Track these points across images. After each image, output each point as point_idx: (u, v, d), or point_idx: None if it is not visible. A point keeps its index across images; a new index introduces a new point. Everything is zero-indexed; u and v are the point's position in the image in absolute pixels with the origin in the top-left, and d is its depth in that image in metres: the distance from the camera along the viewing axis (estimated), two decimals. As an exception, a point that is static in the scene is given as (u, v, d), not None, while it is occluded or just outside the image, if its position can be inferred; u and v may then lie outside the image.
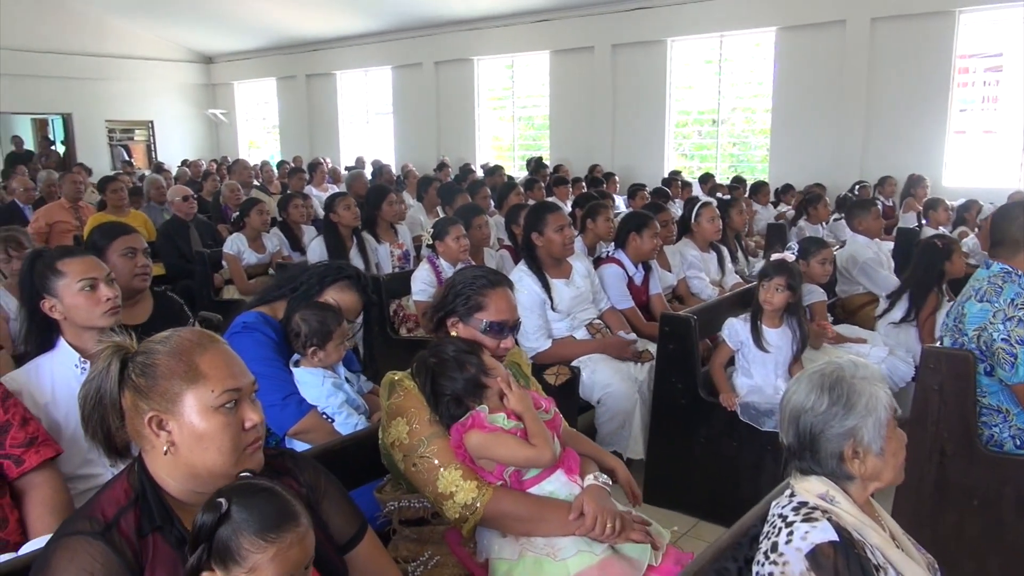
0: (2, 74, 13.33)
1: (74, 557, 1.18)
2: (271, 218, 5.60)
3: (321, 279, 2.42)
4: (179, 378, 1.27)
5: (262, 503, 1.16)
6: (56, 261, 2.10)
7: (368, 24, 13.03)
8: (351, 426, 2.24)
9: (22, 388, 2.01)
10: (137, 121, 15.91)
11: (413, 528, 1.85)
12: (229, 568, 1.12)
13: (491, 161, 11.66)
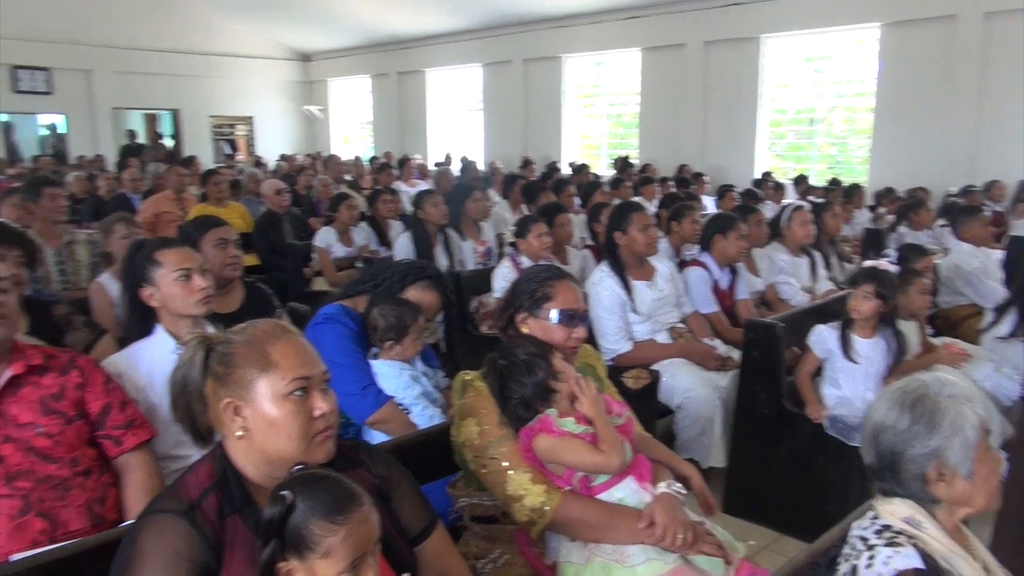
0: (119, 72, 14.19)
1: (160, 533, 1.24)
2: (360, 213, 5.74)
3: (403, 277, 2.47)
4: (253, 366, 1.32)
5: (324, 489, 1.19)
6: (154, 252, 2.22)
7: (459, 22, 13.19)
8: (427, 418, 2.28)
9: (122, 372, 2.13)
10: (239, 116, 16.61)
11: (484, 526, 1.86)
12: (304, 556, 1.15)
13: (578, 159, 11.60)
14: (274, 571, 1.17)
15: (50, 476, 1.78)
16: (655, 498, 1.73)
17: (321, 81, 17.24)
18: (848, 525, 1.50)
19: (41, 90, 13.55)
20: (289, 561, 1.16)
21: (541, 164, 11.01)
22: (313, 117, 17.25)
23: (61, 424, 1.84)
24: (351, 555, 1.16)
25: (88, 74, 14.01)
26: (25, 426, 1.79)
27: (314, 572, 1.15)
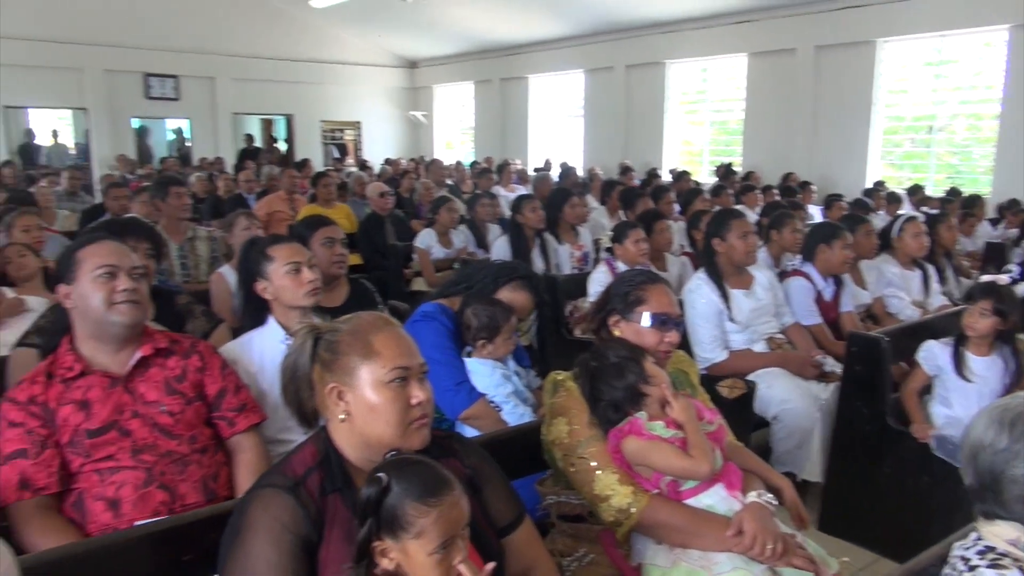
0: (238, 79, 15.02)
1: (267, 506, 1.33)
2: (460, 216, 5.87)
3: (496, 278, 2.54)
4: (356, 354, 1.40)
5: (418, 473, 1.26)
6: (267, 247, 2.37)
7: (562, 28, 13.25)
8: (517, 416, 2.33)
9: (236, 358, 2.28)
10: (348, 122, 17.25)
11: (571, 524, 1.89)
12: (398, 536, 1.21)
13: (679, 166, 11.44)
14: (370, 549, 1.24)
15: (171, 451, 1.92)
16: (745, 506, 1.71)
17: (426, 87, 17.68)
18: (949, 545, 1.45)
19: (170, 96, 14.50)
20: (384, 541, 1.23)
21: (641, 171, 10.92)
22: (418, 122, 17.71)
23: (182, 404, 1.98)
24: (442, 536, 1.21)
25: (211, 81, 14.89)
26: (151, 404, 1.95)
27: (407, 552, 1.21)
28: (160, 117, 15.35)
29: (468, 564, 1.24)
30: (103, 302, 1.91)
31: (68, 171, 8.71)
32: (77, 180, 8.32)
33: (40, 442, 1.83)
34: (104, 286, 1.92)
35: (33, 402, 1.86)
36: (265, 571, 1.29)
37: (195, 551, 1.59)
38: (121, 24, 13.37)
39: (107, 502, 1.83)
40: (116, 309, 1.92)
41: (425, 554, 1.21)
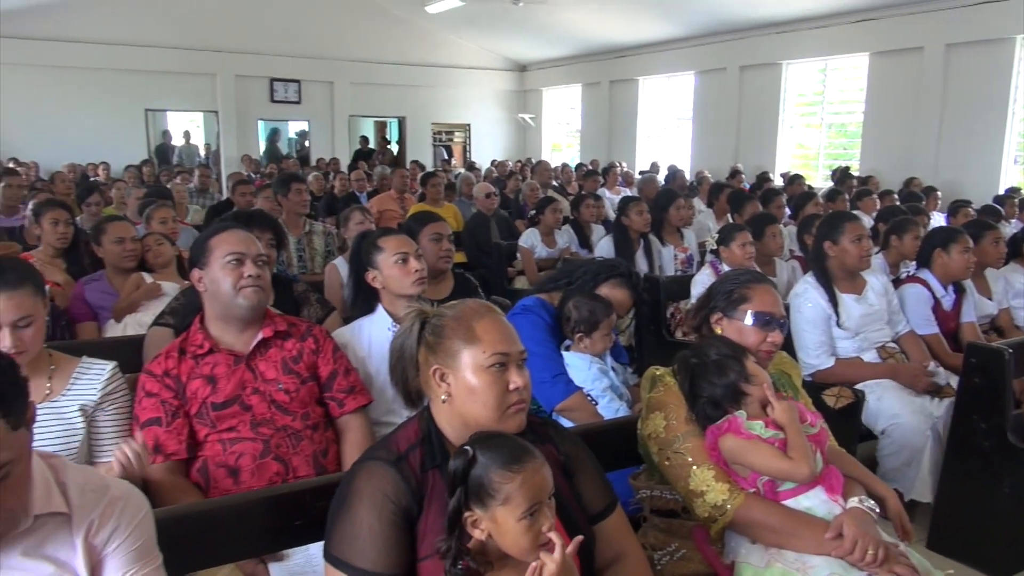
0: (355, 83, 15.63)
1: (371, 477, 1.42)
2: (564, 216, 5.92)
3: (596, 275, 2.57)
4: (459, 338, 1.47)
5: (501, 444, 1.33)
6: (378, 239, 2.50)
7: (673, 30, 13.07)
8: (613, 411, 2.35)
9: (347, 343, 2.41)
10: (457, 124, 17.63)
11: (663, 519, 1.89)
12: (486, 503, 1.28)
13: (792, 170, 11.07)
14: (461, 521, 1.30)
15: (286, 426, 2.06)
16: (845, 511, 1.67)
17: (535, 90, 17.83)
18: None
19: (292, 100, 15.28)
20: (474, 511, 1.29)
21: (751, 174, 10.64)
22: (525, 125, 17.89)
23: (297, 383, 2.12)
24: (528, 501, 1.26)
25: (330, 85, 15.57)
26: (270, 381, 2.09)
27: (496, 519, 1.27)
28: (283, 119, 16.17)
29: (556, 533, 1.28)
30: (231, 286, 2.07)
31: (199, 169, 9.34)
32: (207, 178, 8.91)
33: (172, 411, 2.00)
34: (233, 272, 2.08)
35: (167, 375, 2.04)
36: (367, 537, 1.37)
37: (305, 517, 1.70)
38: (250, 32, 14.21)
39: (228, 470, 1.99)
40: (242, 293, 2.07)
41: (514, 520, 1.26)
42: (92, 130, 13.20)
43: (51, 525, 1.24)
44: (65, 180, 7.71)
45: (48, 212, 3.86)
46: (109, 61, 13.33)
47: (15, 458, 1.11)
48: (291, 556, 1.87)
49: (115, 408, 2.01)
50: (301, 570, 1.85)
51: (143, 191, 6.23)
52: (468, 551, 1.29)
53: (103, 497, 1.29)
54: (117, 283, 3.43)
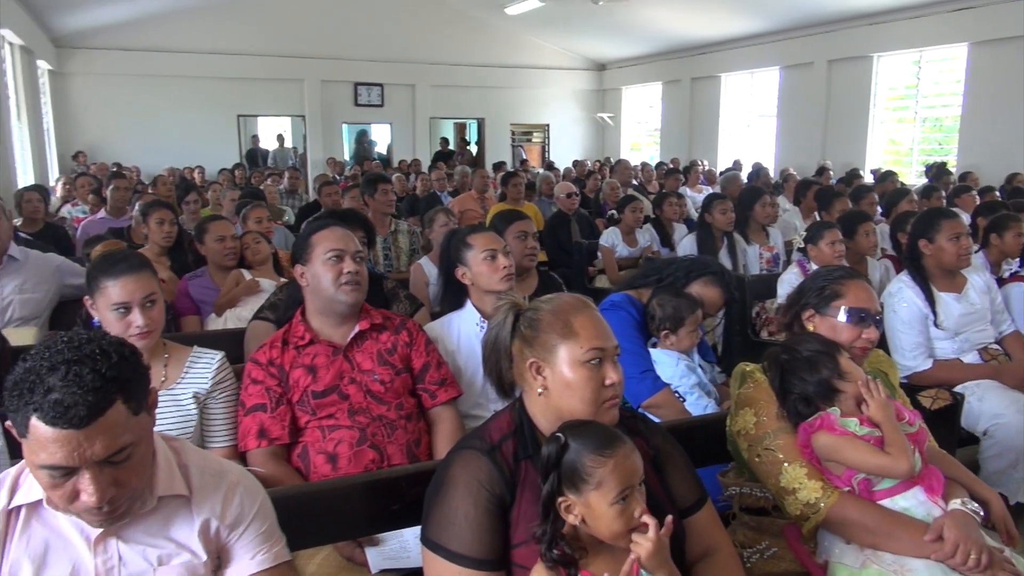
0: (436, 85, 15.91)
1: (467, 465, 1.46)
2: (645, 215, 5.88)
3: (687, 272, 2.56)
4: (556, 333, 1.49)
5: (591, 431, 1.36)
6: (467, 236, 2.56)
7: (757, 25, 12.78)
8: (701, 408, 2.34)
9: (437, 337, 2.48)
10: (535, 124, 17.71)
11: (753, 516, 1.88)
12: (579, 489, 1.31)
13: (882, 166, 10.66)
14: (554, 506, 1.33)
15: (382, 416, 2.14)
16: (946, 513, 1.63)
17: (614, 89, 17.73)
18: None
19: (375, 103, 15.68)
20: (567, 497, 1.32)
21: (840, 171, 10.30)
22: (604, 124, 17.81)
23: (392, 374, 2.20)
24: (620, 485, 1.29)
25: (412, 88, 15.90)
26: (366, 372, 2.18)
27: (589, 504, 1.30)
28: (366, 123, 16.59)
29: (650, 515, 1.30)
30: (332, 282, 2.16)
31: (289, 171, 9.69)
32: (296, 179, 9.24)
33: (276, 399, 2.11)
34: (333, 268, 2.17)
35: (271, 364, 2.15)
36: (463, 522, 1.42)
37: (401, 503, 1.77)
38: (336, 39, 14.65)
39: (327, 456, 2.08)
40: (342, 289, 2.17)
41: (606, 504, 1.29)
42: (188, 136, 13.89)
43: (173, 506, 1.33)
44: (166, 183, 8.12)
45: (154, 212, 4.09)
46: (204, 70, 13.99)
47: (136, 441, 1.19)
48: (386, 541, 1.94)
49: (224, 396, 2.14)
50: (395, 554, 1.92)
51: (238, 193, 6.52)
52: (563, 536, 1.32)
53: (222, 481, 1.38)
54: (218, 279, 3.61)
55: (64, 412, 1.09)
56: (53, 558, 1.25)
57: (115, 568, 1.27)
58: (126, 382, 1.16)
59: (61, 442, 1.10)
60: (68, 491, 1.15)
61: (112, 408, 1.13)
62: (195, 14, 13.52)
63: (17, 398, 1.12)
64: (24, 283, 3.36)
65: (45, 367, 1.12)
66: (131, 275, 2.02)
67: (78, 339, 1.17)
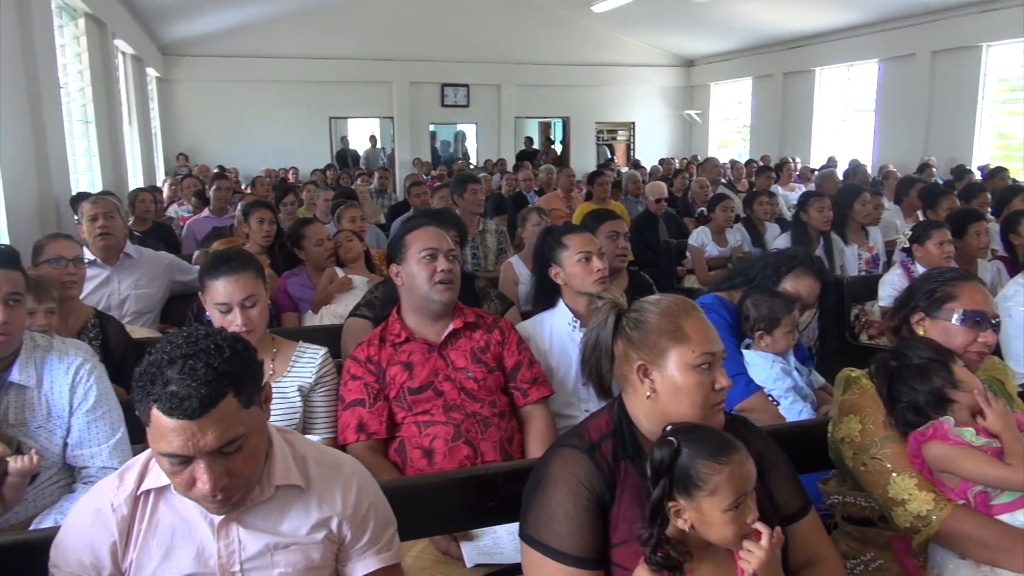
0: (521, 85, 15.98)
1: (566, 463, 1.47)
2: (735, 215, 5.75)
3: (776, 269, 2.50)
4: (666, 336, 1.47)
5: (706, 436, 1.33)
6: (562, 236, 2.56)
7: (855, 16, 12.27)
8: (796, 412, 2.28)
9: (529, 336, 2.49)
10: (621, 123, 17.55)
11: (856, 527, 1.82)
12: (692, 495, 1.29)
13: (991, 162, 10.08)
14: (662, 510, 1.32)
15: (475, 413, 2.17)
16: (1074, 532, 1.53)
17: (702, 86, 17.39)
18: None
19: (461, 104, 15.88)
20: (678, 501, 1.30)
21: (944, 168, 9.80)
22: (692, 121, 17.49)
23: (485, 372, 2.23)
24: (735, 494, 1.27)
25: (497, 88, 16.02)
26: (460, 370, 2.22)
27: (701, 510, 1.28)
28: (452, 123, 16.82)
29: (762, 523, 1.28)
30: (426, 280, 2.21)
31: (379, 172, 9.93)
32: (386, 180, 9.45)
33: (374, 394, 2.17)
34: (427, 267, 2.22)
35: (369, 361, 2.21)
36: (562, 520, 1.43)
37: (497, 499, 1.79)
38: (424, 41, 14.90)
39: (423, 451, 2.13)
40: (436, 287, 2.21)
41: (720, 511, 1.27)
42: (282, 138, 14.42)
43: (290, 496, 1.39)
44: (264, 184, 8.46)
45: (255, 212, 4.26)
46: (298, 74, 14.49)
47: (248, 433, 1.24)
48: (480, 536, 1.97)
49: (326, 389, 2.22)
50: (489, 550, 1.94)
51: (331, 193, 6.72)
52: (668, 540, 1.31)
53: (338, 473, 1.44)
54: (315, 277, 3.75)
55: (179, 404, 1.15)
56: (179, 541, 1.33)
57: (236, 552, 1.34)
58: (237, 376, 1.22)
59: (177, 432, 1.17)
60: (186, 478, 1.22)
61: (223, 401, 1.19)
62: (290, 20, 14.01)
63: (141, 389, 1.20)
64: (139, 279, 3.57)
65: (165, 360, 1.19)
66: (231, 276, 2.11)
67: (196, 334, 1.24)
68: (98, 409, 1.95)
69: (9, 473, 1.75)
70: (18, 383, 1.88)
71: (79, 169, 6.95)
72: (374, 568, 1.45)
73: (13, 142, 4.75)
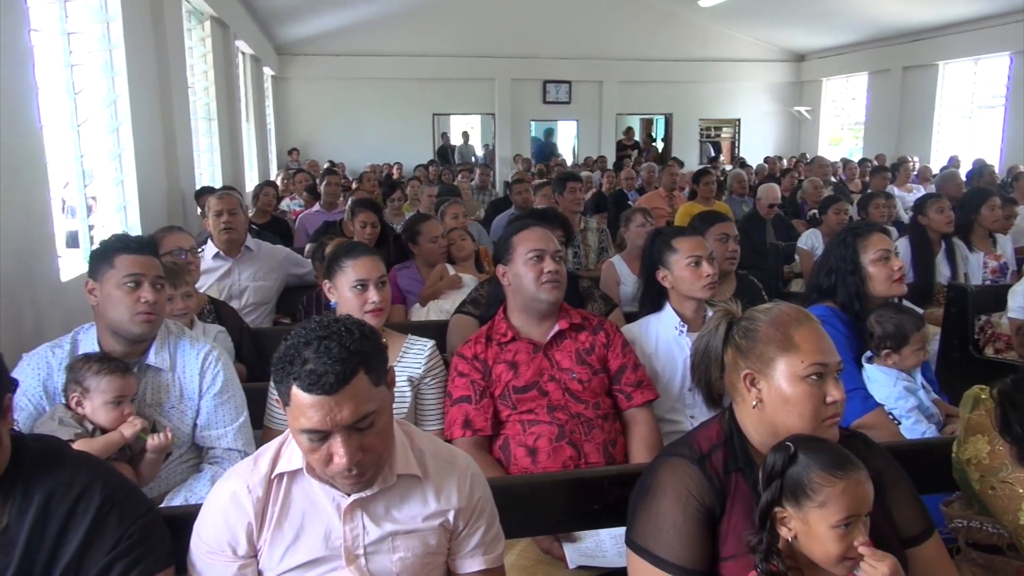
0: (623, 81, 15.83)
1: (675, 472, 1.46)
2: (849, 217, 5.52)
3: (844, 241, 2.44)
4: (775, 345, 1.43)
5: (825, 447, 1.29)
6: (672, 239, 2.52)
7: (983, 7, 11.50)
8: (918, 433, 2.17)
9: (635, 339, 2.48)
10: (725, 119, 17.12)
11: (983, 554, 1.73)
12: (801, 504, 1.26)
13: None
14: (771, 514, 1.30)
15: (579, 414, 2.18)
16: None
17: (813, 81, 16.74)
18: None
19: (563, 100, 15.88)
20: (785, 508, 1.28)
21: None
22: (801, 118, 16.87)
23: (589, 374, 2.23)
24: (846, 511, 1.23)
25: (599, 84, 15.93)
26: (565, 370, 2.23)
27: (808, 521, 1.25)
28: (553, 120, 16.84)
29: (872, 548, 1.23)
30: (533, 281, 2.24)
31: (480, 168, 10.06)
32: (486, 176, 9.57)
33: (480, 391, 2.21)
34: (534, 267, 2.25)
35: (476, 358, 2.25)
36: (671, 530, 1.42)
37: (602, 503, 1.79)
38: (526, 38, 14.99)
39: (527, 449, 2.15)
40: (543, 287, 2.23)
41: (827, 526, 1.23)
42: (387, 134, 14.85)
43: (409, 485, 1.45)
44: (370, 179, 8.74)
45: (359, 214, 4.32)
46: (403, 72, 14.86)
47: (378, 410, 1.32)
48: (583, 538, 1.98)
49: (435, 382, 2.29)
50: (591, 553, 1.95)
51: (435, 189, 6.85)
52: (779, 551, 1.28)
53: (454, 467, 1.49)
54: (424, 272, 3.84)
55: (317, 380, 1.24)
56: (308, 523, 1.41)
57: (360, 536, 1.41)
58: (367, 355, 1.30)
59: (316, 407, 1.25)
60: (323, 455, 1.29)
61: (356, 377, 1.27)
62: (396, 20, 14.38)
63: (281, 371, 1.29)
64: (257, 272, 3.76)
65: (301, 343, 1.28)
66: (368, 256, 2.29)
67: (327, 320, 1.33)
68: (224, 393, 2.08)
69: (147, 450, 1.88)
70: (154, 366, 2.03)
71: (202, 164, 7.36)
72: (479, 568, 1.50)
73: (147, 141, 5.08)
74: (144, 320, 1.96)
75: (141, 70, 5.04)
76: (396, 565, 1.42)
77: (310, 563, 1.40)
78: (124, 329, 1.97)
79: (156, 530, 1.41)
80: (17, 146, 3.00)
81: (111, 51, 4.63)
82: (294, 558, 1.40)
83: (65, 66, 3.96)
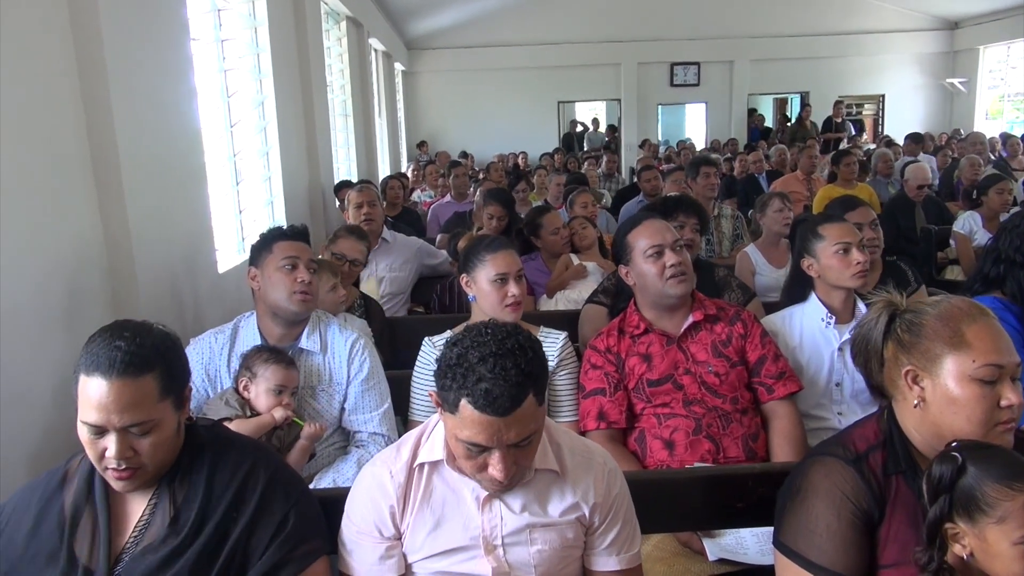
0: (756, 60, 15.19)
1: (829, 473, 1.39)
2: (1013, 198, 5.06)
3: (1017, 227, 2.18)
4: (942, 341, 1.33)
5: (999, 456, 1.19)
6: (819, 226, 2.40)
7: None
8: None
9: (777, 330, 2.38)
10: (868, 96, 16.09)
11: None
12: (975, 518, 1.16)
13: None
14: (941, 531, 1.20)
15: (716, 408, 2.12)
16: None
17: (969, 50, 15.40)
18: None
19: (691, 83, 15.43)
20: (956, 524, 1.18)
21: None
22: (955, 91, 15.59)
23: (727, 366, 2.16)
24: None
25: (729, 65, 15.34)
26: (700, 363, 2.17)
27: (984, 538, 1.15)
28: (681, 103, 16.41)
29: None
30: (656, 277, 2.19)
31: (607, 155, 9.95)
32: (613, 163, 9.45)
33: (614, 384, 2.19)
34: (656, 263, 2.19)
35: (609, 351, 2.23)
36: (824, 534, 1.35)
37: (746, 501, 1.74)
38: (652, 20, 14.65)
39: (663, 442, 2.11)
40: (668, 283, 2.17)
41: (1008, 543, 1.14)
42: (512, 123, 14.95)
43: (547, 479, 1.46)
44: (497, 169, 8.85)
45: (488, 206, 4.34)
46: (528, 60, 14.90)
47: (539, 429, 1.35)
48: (723, 534, 1.92)
49: (568, 372, 2.29)
50: (732, 548, 1.90)
51: (563, 177, 6.84)
52: (951, 568, 1.19)
53: (591, 463, 1.49)
54: (550, 263, 3.85)
55: (492, 402, 1.26)
56: (449, 511, 1.45)
57: (497, 527, 1.43)
58: (537, 377, 1.31)
59: (484, 425, 1.28)
60: (479, 463, 1.33)
61: (526, 400, 1.28)
62: (521, 9, 14.42)
63: (451, 380, 1.30)
64: (393, 263, 3.89)
65: (475, 357, 1.29)
66: (507, 250, 2.30)
67: (501, 332, 1.32)
68: (370, 380, 2.18)
69: (301, 436, 2.00)
70: (307, 349, 2.15)
71: (339, 159, 7.69)
72: (616, 568, 1.49)
73: (291, 138, 5.37)
74: (301, 299, 2.11)
75: (285, 71, 5.31)
76: (534, 557, 1.43)
77: (451, 551, 1.44)
78: (283, 309, 2.12)
79: (313, 510, 1.48)
80: (181, 148, 3.24)
81: (259, 55, 4.91)
82: (435, 544, 1.44)
83: (219, 71, 4.23)
